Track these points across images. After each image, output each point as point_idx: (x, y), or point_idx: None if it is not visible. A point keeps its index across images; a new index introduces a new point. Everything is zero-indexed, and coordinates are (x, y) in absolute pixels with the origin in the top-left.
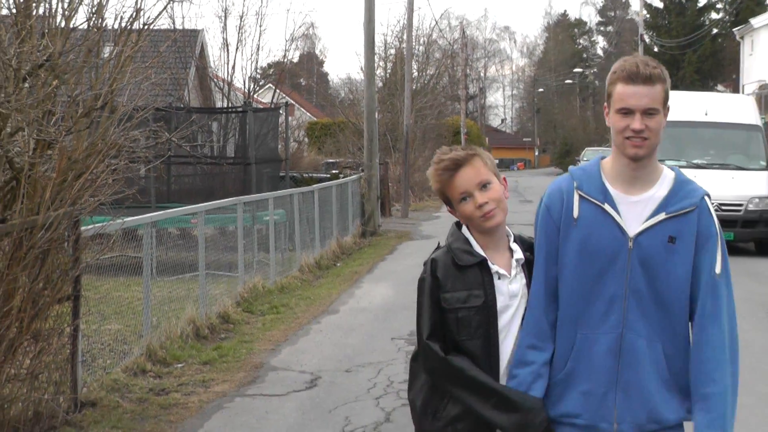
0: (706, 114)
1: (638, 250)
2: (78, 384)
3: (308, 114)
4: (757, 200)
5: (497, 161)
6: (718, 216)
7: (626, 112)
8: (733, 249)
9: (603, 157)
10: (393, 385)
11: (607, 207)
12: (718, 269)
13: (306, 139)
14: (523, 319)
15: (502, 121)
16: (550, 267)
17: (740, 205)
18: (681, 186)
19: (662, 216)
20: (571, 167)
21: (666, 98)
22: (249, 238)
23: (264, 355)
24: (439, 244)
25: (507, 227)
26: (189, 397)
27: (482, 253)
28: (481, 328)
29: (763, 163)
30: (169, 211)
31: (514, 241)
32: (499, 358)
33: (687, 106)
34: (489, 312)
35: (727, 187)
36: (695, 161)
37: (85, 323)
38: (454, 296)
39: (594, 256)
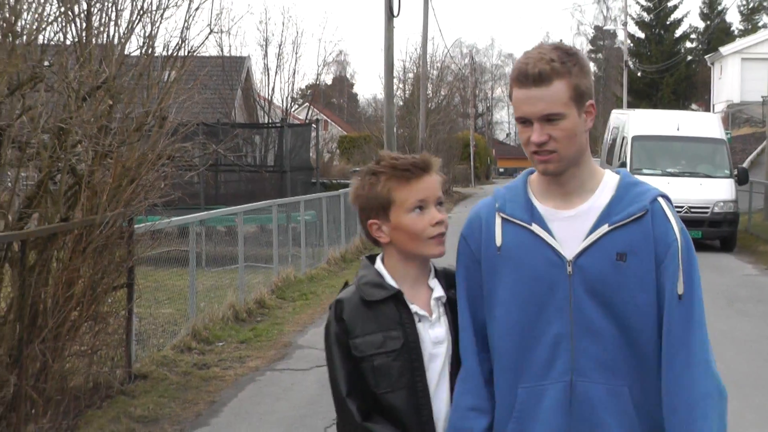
0: (677, 129)
1: (581, 275)
2: (131, 359)
3: (339, 128)
4: (721, 203)
5: (502, 170)
6: (687, 218)
7: (523, 121)
8: (701, 246)
9: (532, 171)
10: None
11: (535, 227)
12: (680, 288)
13: (337, 150)
14: (454, 370)
15: (507, 135)
16: (477, 309)
17: (707, 207)
18: (627, 189)
19: (605, 228)
20: (495, 187)
21: (579, 95)
22: (284, 235)
23: (293, 335)
24: (346, 282)
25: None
26: (227, 371)
27: (396, 285)
28: (405, 377)
29: (727, 172)
30: (212, 211)
31: (435, 276)
32: (432, 416)
33: (661, 122)
34: (412, 356)
35: (696, 192)
36: (668, 170)
37: (140, 307)
38: (366, 341)
39: (527, 290)
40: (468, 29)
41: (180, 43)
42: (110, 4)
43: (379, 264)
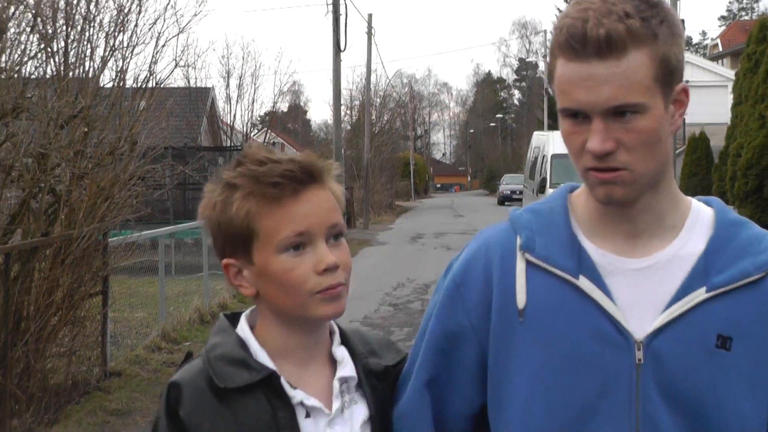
0: None
1: (656, 367)
2: (107, 358)
3: (295, 150)
4: None
5: (439, 186)
6: None
7: (574, 114)
8: None
9: (574, 188)
10: None
11: (583, 282)
12: None
13: None
14: None
15: (443, 155)
16: (445, 404)
17: None
18: (732, 231)
19: (701, 294)
20: (512, 209)
21: (668, 73)
22: None
23: None
24: (189, 354)
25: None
26: None
27: (270, 363)
28: None
29: None
30: (179, 225)
31: (342, 342)
32: None
33: None
34: None
35: None
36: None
37: (115, 312)
38: None
39: (565, 382)
40: (407, 60)
41: (149, 75)
42: (85, 42)
43: (244, 327)
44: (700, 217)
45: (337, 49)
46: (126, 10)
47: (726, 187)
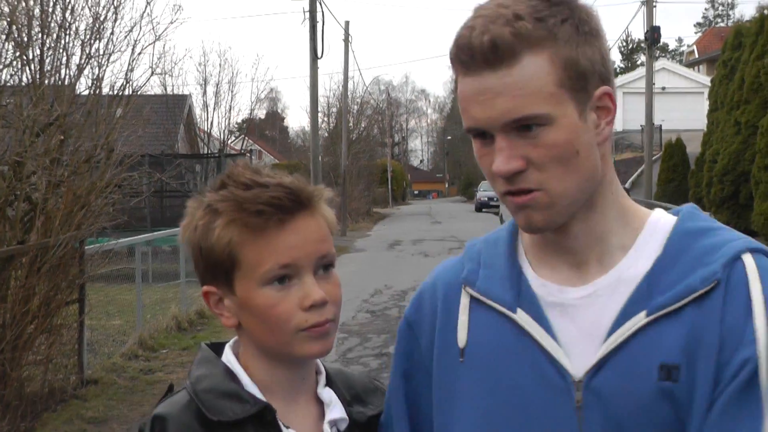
0: None
1: (599, 409)
2: (84, 366)
3: (272, 157)
4: None
5: (417, 192)
6: None
7: (478, 134)
8: None
9: None
10: (325, 363)
11: (520, 316)
12: None
13: None
14: None
15: (421, 161)
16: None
17: None
18: (687, 241)
19: (641, 319)
20: (468, 241)
21: (577, 77)
22: None
23: None
24: (170, 387)
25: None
26: (170, 375)
27: (261, 396)
28: None
29: None
30: (156, 233)
31: (327, 384)
32: None
33: None
34: None
35: None
36: None
37: (92, 320)
38: None
39: (505, 427)
40: (385, 67)
41: (125, 83)
42: (61, 50)
43: (230, 358)
44: (657, 231)
45: (314, 57)
46: (102, 18)
47: (702, 193)
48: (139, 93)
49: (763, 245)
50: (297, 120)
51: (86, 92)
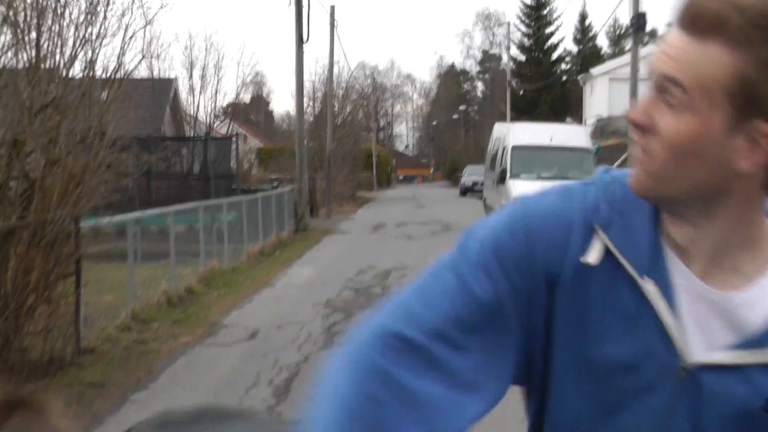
0: (551, 140)
1: (696, 395)
2: (80, 336)
3: (257, 141)
4: None
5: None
6: None
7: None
8: None
9: None
10: (311, 337)
11: (648, 286)
12: None
13: (256, 161)
14: None
15: (406, 146)
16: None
17: None
18: None
19: None
20: (605, 175)
21: (745, 93)
22: (209, 234)
23: (218, 316)
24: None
25: None
26: (162, 346)
27: None
28: None
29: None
30: (148, 211)
31: None
32: None
33: (537, 134)
34: None
35: None
36: (543, 175)
37: (85, 296)
38: None
39: (600, 370)
40: (370, 52)
41: (117, 66)
42: (56, 34)
43: None
44: None
45: (300, 41)
46: (95, 2)
47: None
48: (129, 76)
49: None
50: (282, 104)
51: (80, 75)
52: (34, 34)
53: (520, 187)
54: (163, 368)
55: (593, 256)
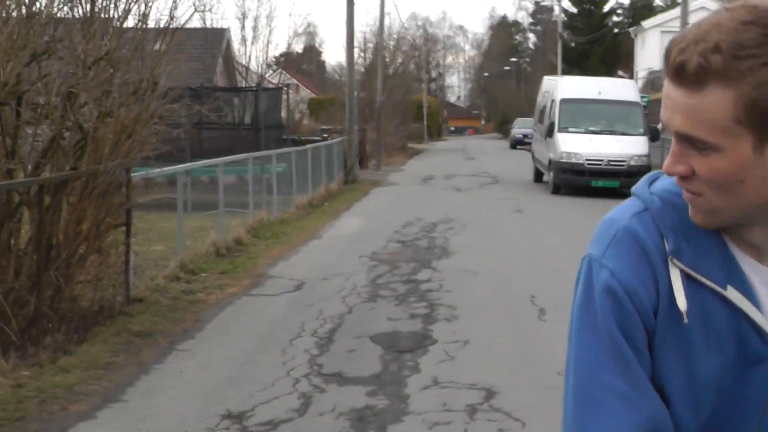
0: (599, 93)
1: None
2: (129, 286)
3: (309, 92)
4: (636, 157)
5: (453, 129)
6: (607, 170)
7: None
8: (619, 194)
9: None
10: (356, 288)
11: (731, 293)
12: None
13: (307, 111)
14: None
15: (458, 98)
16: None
17: (624, 161)
18: None
19: None
20: (652, 195)
21: (761, 117)
22: (258, 185)
23: (265, 267)
24: None
25: None
26: (209, 296)
27: None
28: None
29: (641, 130)
30: (197, 162)
31: None
32: None
33: (585, 87)
34: None
35: (614, 147)
36: (591, 129)
37: (135, 245)
38: None
39: (710, 390)
40: (422, 4)
41: (169, 20)
42: None
43: None
44: None
45: None
46: None
47: None
48: (181, 28)
49: None
50: (335, 55)
51: (133, 28)
52: None
53: (568, 141)
54: (209, 318)
55: (680, 295)
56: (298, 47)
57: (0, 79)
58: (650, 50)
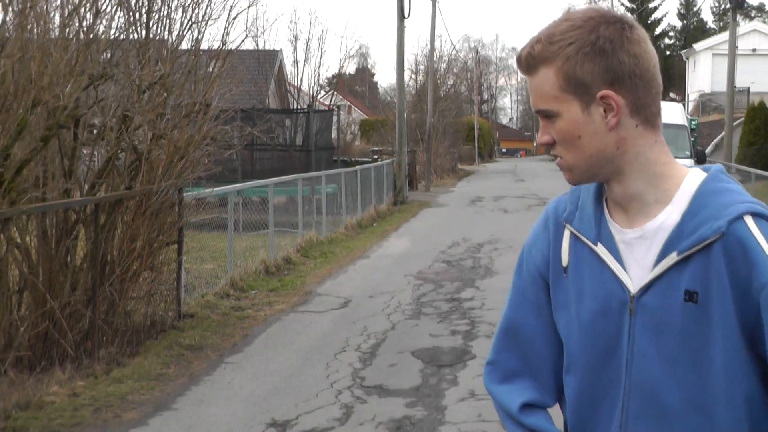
0: None
1: (643, 318)
2: (181, 302)
3: (361, 113)
4: None
5: (505, 150)
6: None
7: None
8: None
9: None
10: (401, 306)
11: (599, 248)
12: None
13: (359, 132)
14: None
15: (510, 119)
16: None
17: None
18: (706, 199)
19: (674, 258)
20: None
21: (577, 85)
22: (308, 205)
23: (313, 285)
24: None
25: None
26: (258, 313)
27: None
28: None
29: (688, 153)
30: (248, 183)
31: None
32: None
33: None
34: None
35: None
36: None
37: (187, 263)
38: None
39: (589, 330)
40: (474, 26)
41: (222, 45)
42: (165, 16)
43: None
44: (687, 190)
45: (401, 16)
46: None
47: None
48: (234, 50)
49: (763, 209)
50: (387, 77)
51: (186, 54)
52: (144, 17)
53: None
54: (258, 333)
55: (565, 254)
56: (350, 69)
57: (60, 103)
58: (702, 73)
